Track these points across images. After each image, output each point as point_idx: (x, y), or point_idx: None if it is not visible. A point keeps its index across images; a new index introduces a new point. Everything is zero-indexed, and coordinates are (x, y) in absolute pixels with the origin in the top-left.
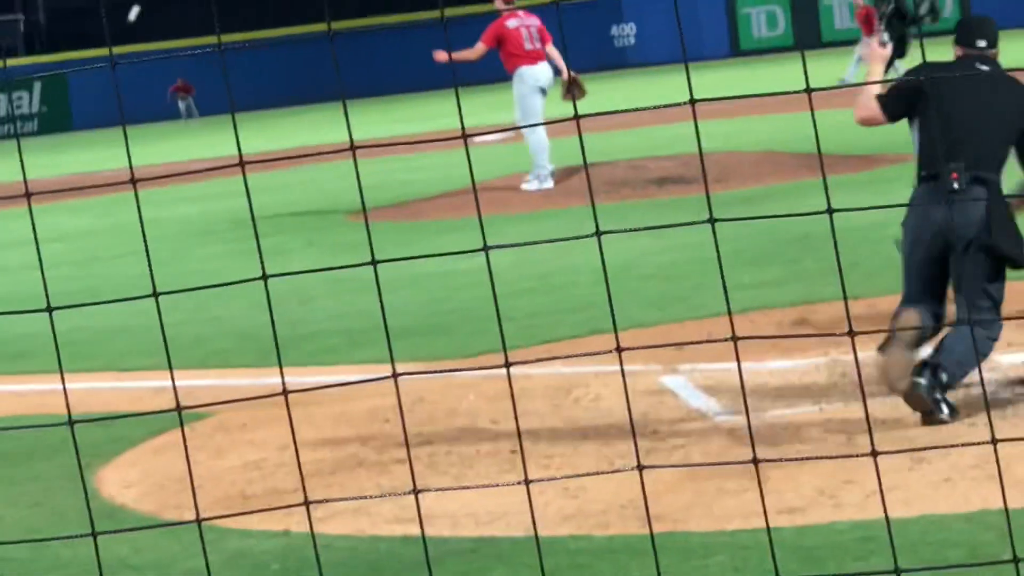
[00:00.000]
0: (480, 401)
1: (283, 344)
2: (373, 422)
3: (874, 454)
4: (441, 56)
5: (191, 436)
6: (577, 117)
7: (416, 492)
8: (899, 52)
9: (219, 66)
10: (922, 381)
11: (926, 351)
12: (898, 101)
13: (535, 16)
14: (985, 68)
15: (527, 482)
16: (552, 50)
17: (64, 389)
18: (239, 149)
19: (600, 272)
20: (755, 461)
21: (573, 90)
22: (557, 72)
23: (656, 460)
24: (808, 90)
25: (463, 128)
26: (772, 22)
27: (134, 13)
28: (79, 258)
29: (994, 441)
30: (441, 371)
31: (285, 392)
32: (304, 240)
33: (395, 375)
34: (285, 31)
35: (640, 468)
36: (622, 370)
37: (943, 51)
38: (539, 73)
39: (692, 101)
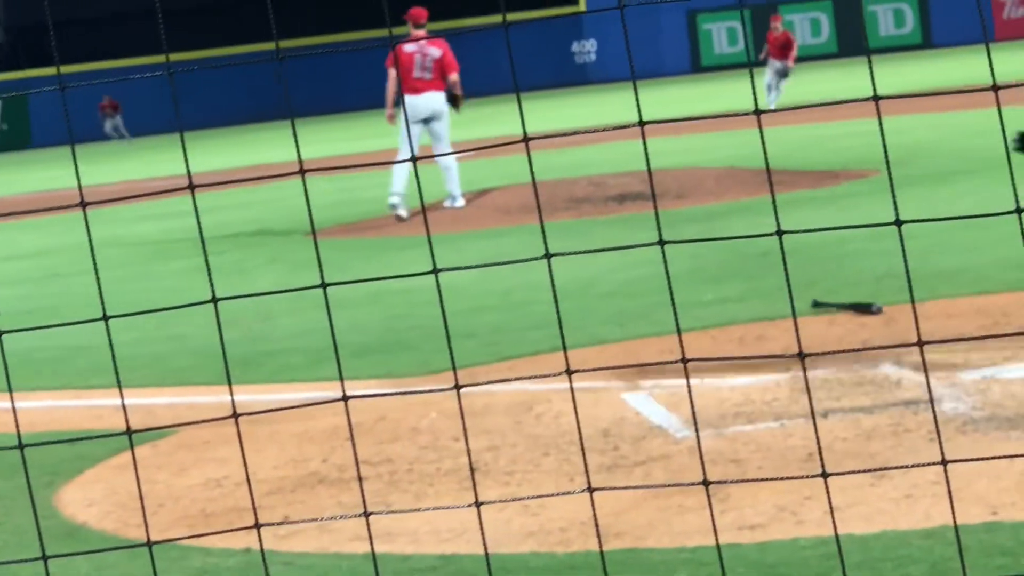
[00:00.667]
0: (442, 418)
1: (244, 362)
2: (335, 440)
3: (824, 475)
4: (389, 117)
5: (153, 454)
6: (527, 139)
7: (367, 515)
8: None
9: (183, 84)
10: None
11: None
12: None
13: (441, 45)
14: None
15: (477, 504)
16: (453, 79)
17: (14, 411)
18: (188, 169)
19: (561, 289)
20: (705, 483)
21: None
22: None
23: (617, 477)
24: (757, 112)
25: (412, 151)
26: (733, 38)
27: None
28: (39, 276)
29: (944, 462)
30: (390, 393)
31: (235, 415)
32: (266, 257)
33: (345, 397)
34: (247, 48)
35: (591, 490)
36: (572, 392)
37: (904, 67)
38: (418, 104)
39: (641, 123)
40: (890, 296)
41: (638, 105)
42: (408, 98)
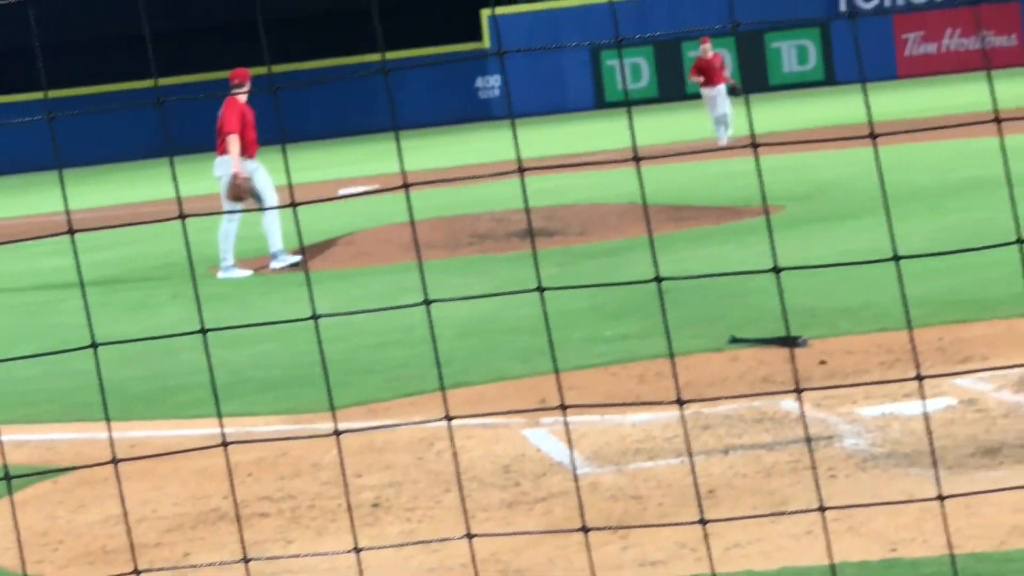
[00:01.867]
0: (346, 454)
1: (149, 397)
2: (236, 476)
3: (703, 522)
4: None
5: (53, 490)
6: (407, 186)
7: (246, 560)
8: None
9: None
10: None
11: None
12: None
13: (224, 105)
14: None
15: (357, 550)
16: (228, 140)
17: None
18: (66, 207)
19: (465, 325)
20: (584, 529)
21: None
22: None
23: (518, 514)
24: (636, 158)
25: (290, 187)
26: (637, 74)
27: None
28: None
29: (822, 508)
30: (271, 439)
31: (115, 460)
32: (170, 293)
33: (224, 443)
34: (134, 85)
35: (469, 536)
36: (451, 436)
37: (806, 104)
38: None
39: (520, 169)
40: (793, 332)
41: (516, 146)
42: None
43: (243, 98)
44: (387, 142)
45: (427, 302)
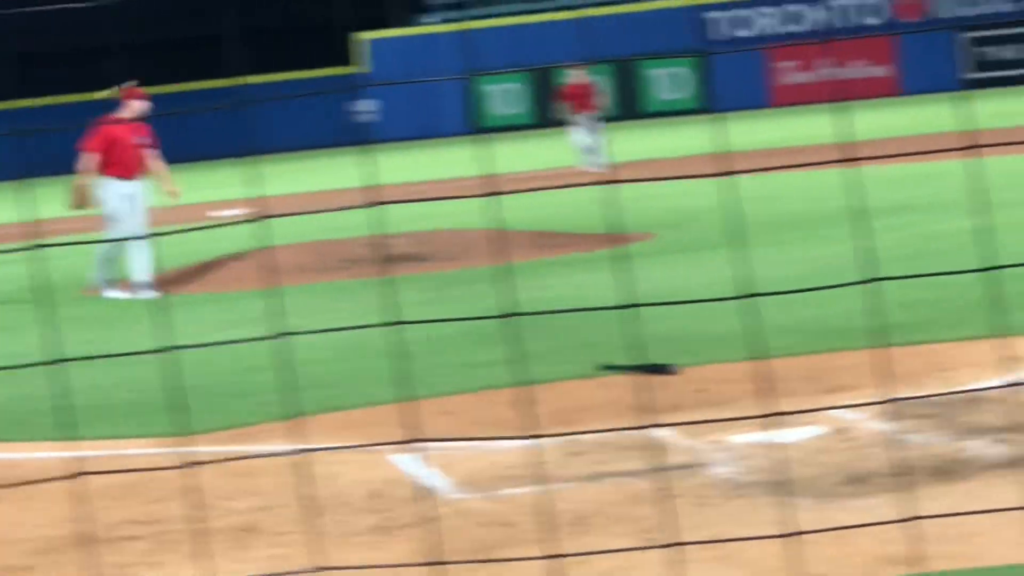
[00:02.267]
0: (215, 478)
1: (17, 420)
2: (105, 499)
3: (561, 555)
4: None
5: None
6: (266, 217)
7: None
8: None
9: None
10: None
11: None
12: None
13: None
14: None
15: None
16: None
17: None
18: None
19: (336, 349)
20: (440, 563)
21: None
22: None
23: (386, 540)
24: (495, 192)
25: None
26: (511, 100)
27: None
28: None
29: (680, 543)
30: (128, 470)
31: None
32: (38, 315)
33: (79, 473)
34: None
35: (319, 569)
36: (301, 466)
37: (682, 131)
38: None
39: (379, 203)
40: (664, 359)
41: (373, 177)
42: None
43: (126, 117)
44: (262, 165)
45: (282, 334)
